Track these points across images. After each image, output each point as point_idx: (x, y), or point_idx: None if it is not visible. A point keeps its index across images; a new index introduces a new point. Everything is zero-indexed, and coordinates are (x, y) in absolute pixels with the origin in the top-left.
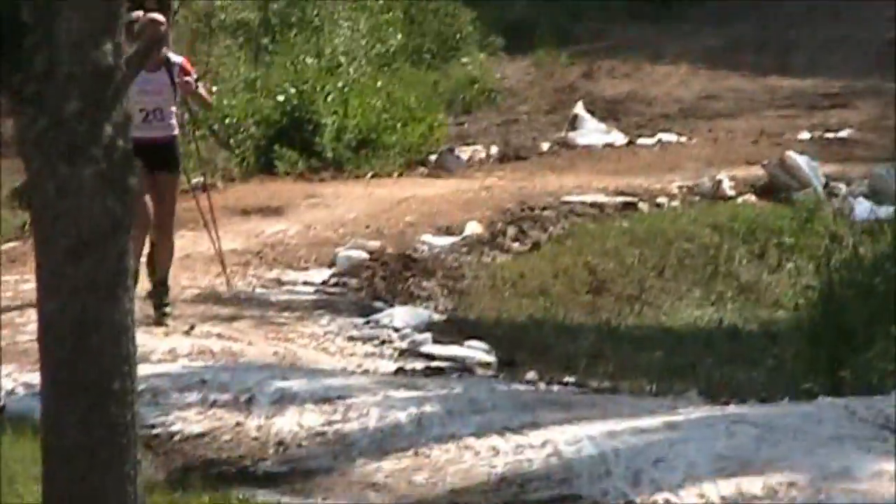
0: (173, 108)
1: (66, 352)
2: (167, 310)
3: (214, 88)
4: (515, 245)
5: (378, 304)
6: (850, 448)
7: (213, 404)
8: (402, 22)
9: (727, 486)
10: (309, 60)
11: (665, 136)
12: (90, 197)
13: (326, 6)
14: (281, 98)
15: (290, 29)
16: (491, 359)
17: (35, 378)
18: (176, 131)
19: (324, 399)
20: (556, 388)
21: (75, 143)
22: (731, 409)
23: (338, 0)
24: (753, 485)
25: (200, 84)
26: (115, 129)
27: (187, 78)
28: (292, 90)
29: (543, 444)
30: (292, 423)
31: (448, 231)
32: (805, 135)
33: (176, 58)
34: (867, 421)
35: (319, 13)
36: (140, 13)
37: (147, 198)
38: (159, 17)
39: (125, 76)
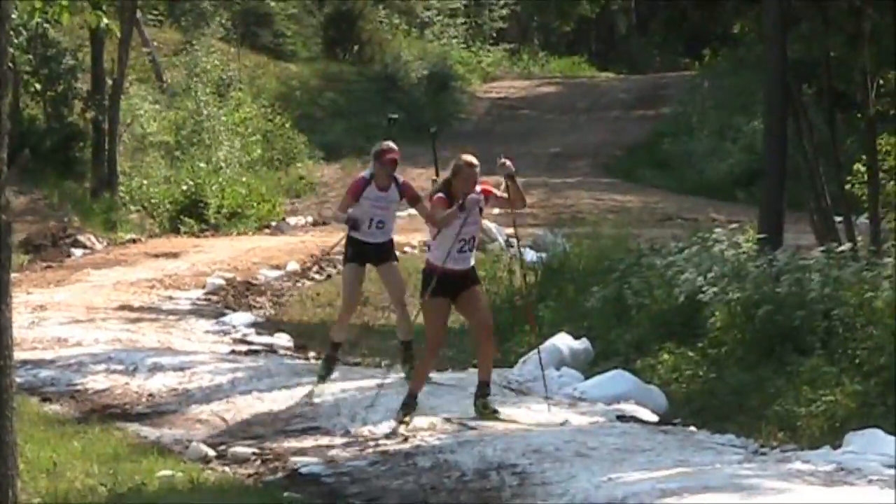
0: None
1: None
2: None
3: (144, 181)
4: (317, 276)
5: (228, 311)
6: None
7: (113, 371)
8: (261, 142)
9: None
10: (202, 165)
11: None
12: None
13: (215, 132)
14: (185, 188)
15: (192, 146)
16: (290, 344)
17: None
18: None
19: (180, 368)
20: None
21: None
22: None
23: (222, 128)
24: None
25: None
26: None
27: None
28: (191, 183)
29: (302, 397)
30: (159, 383)
31: (277, 267)
32: (497, 211)
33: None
34: None
35: (210, 136)
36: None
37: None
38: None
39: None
